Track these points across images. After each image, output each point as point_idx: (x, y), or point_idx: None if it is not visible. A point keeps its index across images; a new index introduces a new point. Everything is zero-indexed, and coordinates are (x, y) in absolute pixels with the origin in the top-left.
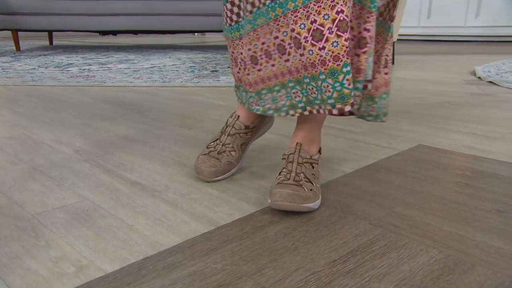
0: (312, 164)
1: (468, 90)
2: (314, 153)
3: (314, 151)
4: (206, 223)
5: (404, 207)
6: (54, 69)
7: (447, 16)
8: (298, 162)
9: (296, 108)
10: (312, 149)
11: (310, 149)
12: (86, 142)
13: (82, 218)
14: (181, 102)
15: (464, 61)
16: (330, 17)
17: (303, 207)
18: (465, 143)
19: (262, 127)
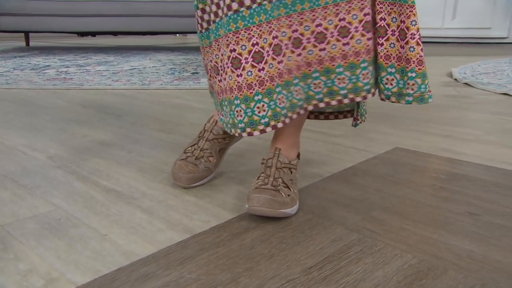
0: (290, 169)
1: (445, 92)
2: (293, 158)
3: (293, 156)
4: (182, 231)
5: (381, 212)
6: (30, 72)
7: (425, 18)
8: (277, 167)
9: (256, 125)
10: (291, 154)
11: (289, 154)
12: (60, 147)
13: (54, 228)
14: (161, 105)
15: (441, 62)
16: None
17: (280, 212)
18: (441, 146)
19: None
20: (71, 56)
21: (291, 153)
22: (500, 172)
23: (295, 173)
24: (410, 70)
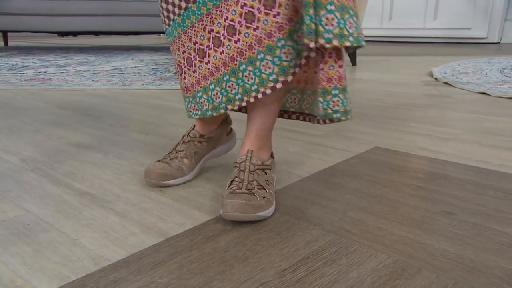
0: (264, 170)
1: (425, 92)
2: (266, 159)
3: (266, 156)
4: (156, 234)
5: (358, 212)
6: (7, 72)
7: (408, 18)
8: (250, 170)
9: (233, 102)
10: (263, 155)
11: (261, 155)
12: (35, 150)
13: (22, 233)
14: (141, 106)
15: (423, 62)
16: None
17: (255, 216)
18: (420, 145)
19: (222, 142)
20: (51, 56)
21: (263, 154)
22: (476, 170)
23: (270, 173)
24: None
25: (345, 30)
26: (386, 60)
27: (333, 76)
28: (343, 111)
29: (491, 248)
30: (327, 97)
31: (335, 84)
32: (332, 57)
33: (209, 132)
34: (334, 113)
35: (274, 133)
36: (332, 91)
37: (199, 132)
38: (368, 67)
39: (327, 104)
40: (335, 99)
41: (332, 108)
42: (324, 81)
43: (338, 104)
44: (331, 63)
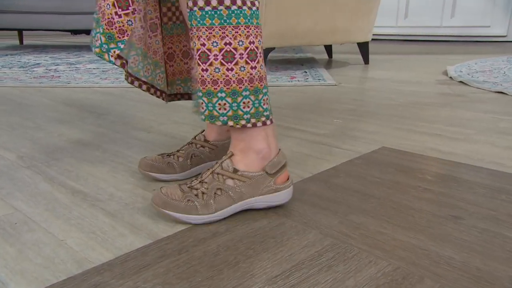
0: (232, 178)
1: (439, 90)
2: (245, 168)
3: (245, 165)
4: (145, 236)
5: (359, 215)
6: (18, 70)
7: (424, 17)
8: (214, 172)
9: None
10: (245, 162)
11: (242, 161)
12: (33, 147)
13: (7, 233)
14: (146, 104)
15: (438, 61)
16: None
17: (163, 212)
18: (430, 145)
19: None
20: (64, 54)
21: (245, 160)
22: (488, 172)
23: (237, 187)
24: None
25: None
26: (400, 58)
27: (219, 79)
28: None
29: (501, 256)
30: (212, 99)
31: (199, 87)
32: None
33: (215, 139)
34: (221, 116)
35: (276, 131)
36: (218, 93)
37: (205, 136)
38: (381, 65)
39: (212, 107)
40: (200, 101)
41: (219, 111)
42: (210, 83)
43: (203, 106)
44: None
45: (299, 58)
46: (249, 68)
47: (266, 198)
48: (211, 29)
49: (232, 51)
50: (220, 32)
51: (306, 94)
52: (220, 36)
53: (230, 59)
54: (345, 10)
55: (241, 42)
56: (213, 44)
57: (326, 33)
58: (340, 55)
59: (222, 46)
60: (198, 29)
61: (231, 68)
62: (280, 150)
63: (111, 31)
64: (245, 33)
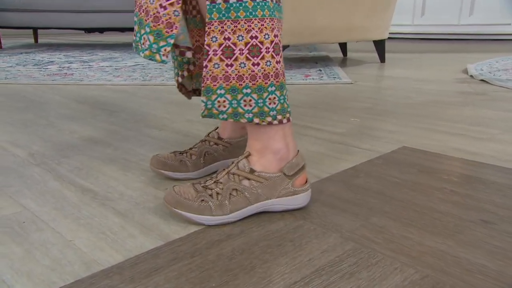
0: (248, 179)
1: (459, 89)
2: (262, 169)
3: (262, 166)
4: (157, 237)
5: (381, 218)
6: (32, 67)
7: (441, 15)
8: (229, 172)
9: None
10: (262, 162)
11: (259, 161)
12: (44, 144)
13: (15, 232)
14: (159, 101)
15: (457, 59)
16: None
17: (175, 211)
18: (454, 145)
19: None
20: (77, 53)
21: (261, 161)
22: None
23: (253, 188)
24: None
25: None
26: (417, 57)
27: (218, 75)
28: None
29: None
30: (212, 96)
31: (221, 84)
32: (217, 55)
33: (229, 137)
34: (220, 113)
35: (293, 130)
36: (217, 90)
37: (218, 133)
38: (397, 64)
39: (212, 104)
40: (221, 99)
41: (218, 108)
42: (208, 79)
43: (225, 104)
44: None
45: (313, 56)
46: (274, 62)
47: (283, 201)
48: (237, 22)
49: (258, 45)
50: (246, 25)
51: (321, 92)
52: (246, 30)
53: (256, 53)
54: (362, 7)
55: (267, 35)
56: (238, 38)
57: (342, 30)
58: (355, 54)
59: (248, 40)
60: (221, 22)
61: (257, 62)
62: (298, 151)
63: (159, 27)
64: (270, 26)
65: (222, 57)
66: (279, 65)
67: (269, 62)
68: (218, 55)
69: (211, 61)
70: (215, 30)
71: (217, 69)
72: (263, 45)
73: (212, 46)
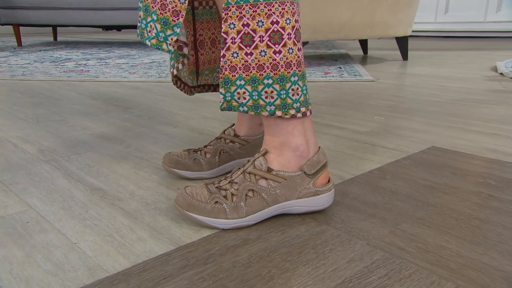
0: (265, 178)
1: (489, 87)
2: (280, 167)
3: (281, 164)
4: (167, 241)
5: (413, 224)
6: (49, 64)
7: (466, 11)
8: (245, 171)
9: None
10: (280, 160)
11: (277, 159)
12: (55, 140)
13: (17, 233)
14: (174, 98)
15: (484, 57)
16: None
17: (187, 214)
18: (487, 145)
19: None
20: (95, 50)
21: (279, 160)
22: None
23: (271, 188)
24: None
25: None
26: (441, 55)
27: (237, 65)
28: (251, 105)
29: None
30: (231, 88)
31: (240, 74)
32: (236, 43)
33: (246, 134)
34: (240, 106)
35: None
36: (236, 81)
37: (234, 130)
38: (420, 62)
39: (231, 96)
40: (241, 90)
41: (237, 100)
42: (227, 69)
43: (245, 96)
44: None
45: (332, 54)
46: (296, 50)
47: (304, 202)
48: (256, 6)
49: (279, 30)
50: (266, 9)
51: (342, 90)
52: (266, 14)
53: (277, 40)
54: (384, 2)
55: (288, 20)
56: (258, 23)
57: (364, 26)
58: (375, 51)
59: (268, 25)
60: (239, 7)
61: (278, 50)
62: (320, 148)
63: (165, 15)
64: (291, 10)
65: (241, 45)
66: (300, 53)
67: (291, 50)
68: (236, 43)
69: (229, 50)
70: (233, 16)
71: (236, 59)
72: (285, 31)
73: (230, 34)
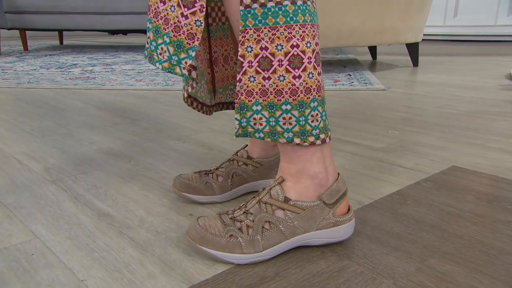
0: (282, 209)
1: (506, 97)
2: (298, 197)
3: (298, 193)
4: (179, 278)
5: (440, 259)
6: (55, 70)
7: (475, 15)
8: (261, 201)
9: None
10: (298, 189)
11: (294, 187)
12: (62, 157)
13: (21, 267)
14: (181, 109)
15: (496, 63)
16: None
17: (200, 249)
18: (511, 166)
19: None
20: (101, 55)
21: (297, 187)
22: None
23: (289, 218)
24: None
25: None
26: (451, 60)
27: (254, 89)
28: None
29: None
30: (246, 114)
31: (257, 99)
32: (253, 67)
33: (260, 156)
34: (256, 132)
35: None
36: (252, 106)
37: (247, 152)
38: (431, 68)
39: (246, 122)
40: (257, 116)
41: (253, 126)
42: (243, 94)
43: (261, 122)
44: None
45: (340, 59)
46: (316, 74)
47: (323, 234)
48: (275, 29)
49: (300, 54)
50: (286, 32)
51: (353, 100)
52: (286, 38)
53: (297, 65)
54: (395, 8)
55: (309, 43)
56: (277, 47)
57: (374, 33)
58: (384, 57)
59: (288, 49)
60: (257, 29)
61: (298, 75)
62: (339, 175)
63: (179, 37)
64: (312, 32)
65: (258, 69)
66: (320, 77)
67: (311, 74)
68: (253, 67)
69: (246, 74)
70: (250, 39)
71: (252, 83)
72: (305, 55)
73: (247, 57)
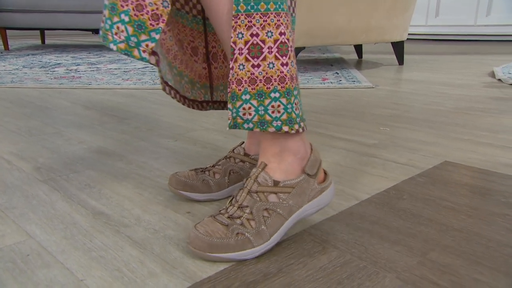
0: (274, 193)
1: (490, 94)
2: (284, 177)
3: (284, 172)
4: (181, 276)
5: (441, 253)
6: (39, 70)
7: (456, 15)
8: (250, 191)
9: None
10: (283, 168)
11: (279, 167)
12: (52, 156)
13: (17, 268)
14: (171, 107)
15: (478, 61)
16: None
17: (211, 257)
18: (501, 160)
19: None
20: (84, 54)
21: (281, 166)
22: None
23: (282, 200)
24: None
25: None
26: (435, 59)
27: (243, 78)
28: (257, 121)
29: None
30: (236, 103)
31: (246, 88)
32: (243, 54)
33: (257, 153)
34: (245, 123)
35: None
36: (242, 95)
37: (244, 149)
38: (416, 66)
39: (236, 112)
40: (246, 106)
41: (242, 116)
42: (234, 83)
43: (250, 112)
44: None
45: (327, 58)
46: (295, 63)
47: (314, 203)
48: (266, 15)
49: (286, 42)
50: (276, 19)
51: (342, 97)
52: (276, 24)
53: (285, 52)
54: (381, 7)
55: (290, 32)
56: (267, 34)
57: (360, 31)
58: (370, 55)
59: (277, 36)
60: (248, 15)
61: (285, 62)
62: (311, 145)
63: (141, 17)
64: (290, 21)
65: (248, 57)
66: (296, 66)
67: (293, 62)
68: (243, 55)
69: (237, 62)
70: (242, 24)
71: (242, 71)
72: (289, 43)
73: (238, 44)
